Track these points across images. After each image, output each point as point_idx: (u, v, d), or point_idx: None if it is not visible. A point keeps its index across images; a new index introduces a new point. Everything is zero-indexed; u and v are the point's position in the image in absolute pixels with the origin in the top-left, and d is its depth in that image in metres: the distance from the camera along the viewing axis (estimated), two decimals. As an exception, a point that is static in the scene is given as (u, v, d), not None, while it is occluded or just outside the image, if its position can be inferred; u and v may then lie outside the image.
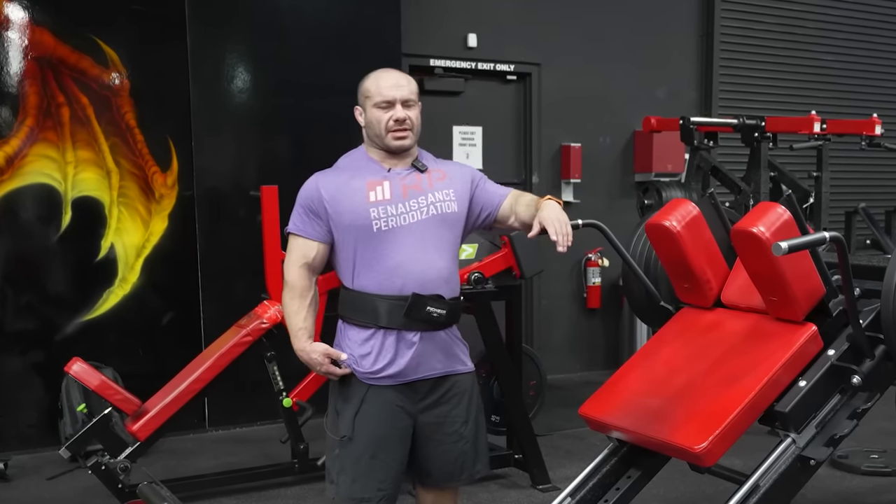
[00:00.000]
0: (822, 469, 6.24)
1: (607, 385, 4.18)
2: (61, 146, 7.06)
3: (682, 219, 4.10)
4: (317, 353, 3.77)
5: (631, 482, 4.07)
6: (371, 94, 3.81)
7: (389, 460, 3.77)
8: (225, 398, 7.50)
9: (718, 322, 4.17)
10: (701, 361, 3.97)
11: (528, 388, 6.86)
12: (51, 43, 6.98)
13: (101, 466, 5.37)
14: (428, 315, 3.70)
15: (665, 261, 4.30)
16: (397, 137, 3.78)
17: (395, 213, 3.71)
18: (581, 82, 9.62)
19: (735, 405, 3.62)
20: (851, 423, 3.79)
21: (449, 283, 3.79)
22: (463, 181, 3.92)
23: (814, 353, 3.80)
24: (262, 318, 5.84)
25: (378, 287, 3.71)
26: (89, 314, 7.26)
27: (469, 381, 3.96)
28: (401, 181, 3.78)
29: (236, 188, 7.64)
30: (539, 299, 9.64)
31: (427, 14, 8.78)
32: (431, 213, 3.76)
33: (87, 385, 5.45)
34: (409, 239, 3.71)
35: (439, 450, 3.86)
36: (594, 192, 9.69)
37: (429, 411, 3.82)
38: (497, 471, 6.33)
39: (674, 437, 3.66)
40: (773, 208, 3.73)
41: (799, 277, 3.73)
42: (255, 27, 7.73)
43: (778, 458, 3.69)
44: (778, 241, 3.18)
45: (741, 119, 7.49)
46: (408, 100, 3.81)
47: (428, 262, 3.73)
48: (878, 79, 11.32)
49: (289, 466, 6.18)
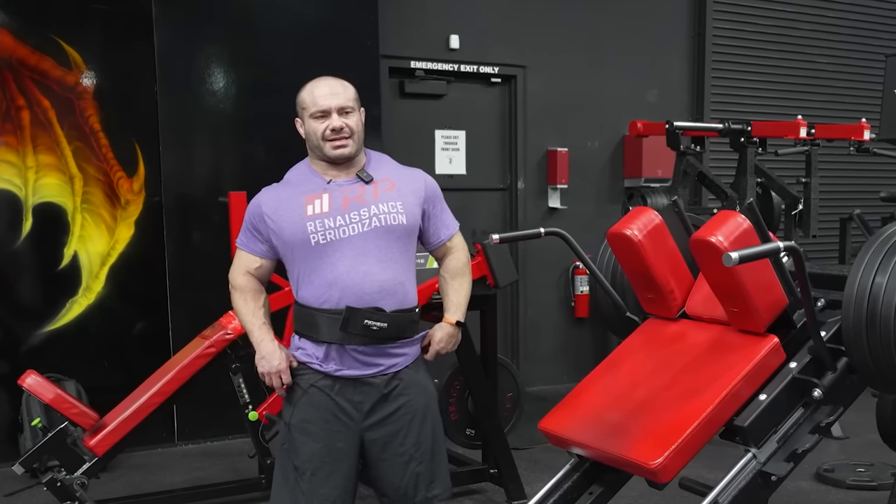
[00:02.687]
0: (806, 483, 6.37)
1: (568, 398, 4.20)
2: (21, 150, 7.06)
3: (644, 227, 4.12)
4: (282, 359, 3.85)
5: (593, 498, 4.10)
6: (307, 105, 3.86)
7: (331, 479, 3.81)
8: (194, 411, 7.54)
9: (681, 334, 4.20)
10: (662, 374, 4.00)
11: (504, 400, 6.86)
12: (10, 44, 6.97)
13: (57, 483, 5.33)
14: (366, 329, 3.73)
15: (627, 270, 4.33)
16: (336, 146, 3.80)
17: (332, 226, 3.74)
18: (568, 85, 9.63)
19: (692, 419, 3.64)
20: (814, 438, 3.79)
21: (394, 295, 3.80)
22: (415, 195, 3.93)
23: (775, 366, 3.82)
24: (226, 328, 5.80)
25: (317, 300, 3.77)
26: (52, 325, 7.26)
27: (422, 400, 3.95)
28: (341, 193, 3.80)
29: (207, 194, 7.63)
30: (525, 308, 9.65)
31: (407, 14, 8.79)
32: (374, 226, 3.77)
33: (42, 398, 5.43)
34: (349, 252, 3.74)
35: (389, 471, 3.89)
36: (582, 198, 9.71)
37: (375, 429, 3.84)
38: (472, 486, 6.36)
39: (630, 453, 3.69)
40: (732, 217, 3.76)
41: (759, 288, 3.76)
42: (225, 26, 7.74)
43: (738, 473, 3.70)
44: (729, 252, 3.19)
45: (727, 124, 7.53)
46: (344, 107, 3.83)
47: (367, 274, 3.74)
48: (875, 83, 11.32)
49: (256, 482, 6.16)
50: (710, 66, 10.29)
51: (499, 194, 9.59)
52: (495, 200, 9.57)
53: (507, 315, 9.54)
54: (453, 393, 6.58)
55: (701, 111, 10.23)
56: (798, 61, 10.87)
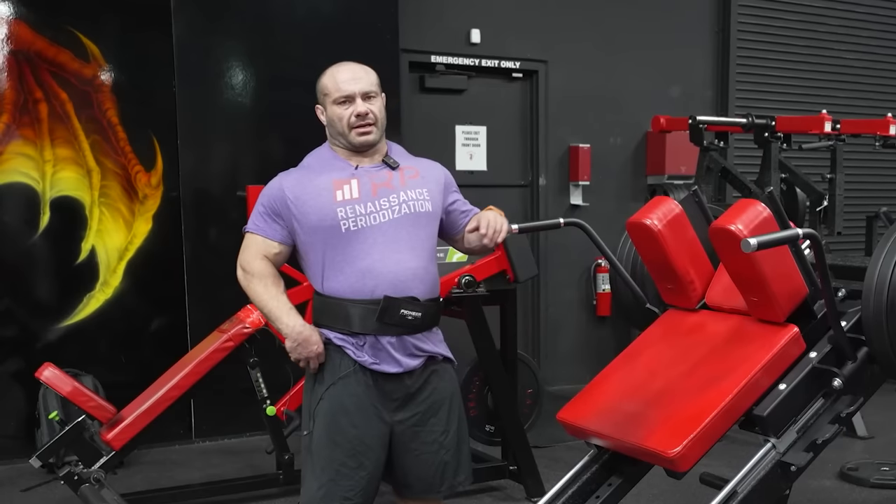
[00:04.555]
0: (830, 481, 6.39)
1: (587, 389, 4.24)
2: (39, 144, 7.11)
3: (664, 217, 4.15)
4: (319, 342, 3.77)
5: (612, 490, 4.13)
6: (329, 91, 3.84)
7: (360, 468, 3.78)
8: (212, 408, 7.59)
9: (701, 324, 4.23)
10: (681, 364, 4.03)
11: (524, 396, 6.90)
12: (28, 36, 7.03)
13: (74, 476, 5.35)
14: (402, 319, 3.71)
15: (647, 261, 4.36)
16: (361, 133, 3.78)
17: (363, 213, 3.71)
18: (590, 80, 9.65)
19: (711, 408, 3.68)
20: (834, 428, 3.82)
21: (425, 283, 3.79)
22: (437, 183, 3.94)
23: (795, 356, 3.85)
24: (244, 322, 5.83)
25: (349, 290, 3.72)
26: (69, 320, 7.32)
27: (449, 388, 3.95)
28: (370, 179, 3.78)
29: (224, 188, 7.66)
30: (546, 307, 9.69)
31: (427, 7, 8.82)
32: (404, 212, 3.76)
33: (59, 391, 5.48)
34: (380, 239, 3.72)
35: (418, 460, 3.88)
36: (604, 195, 9.73)
37: (405, 419, 3.83)
38: (491, 482, 6.40)
39: (648, 442, 3.72)
40: (752, 205, 3.80)
41: (779, 277, 3.80)
42: (244, 19, 7.78)
43: (757, 463, 3.74)
44: (747, 238, 3.23)
45: (750, 118, 7.54)
46: (368, 92, 3.82)
47: (401, 262, 3.73)
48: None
49: (273, 478, 6.21)
50: (735, 60, 10.30)
51: (520, 191, 9.62)
52: (516, 197, 9.58)
53: (527, 313, 9.57)
54: (473, 389, 6.60)
55: (725, 107, 10.23)
56: (825, 56, 10.87)
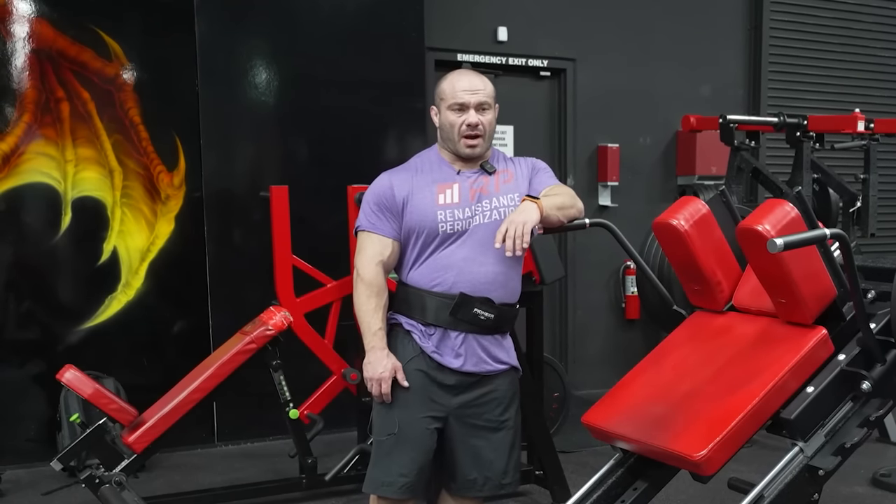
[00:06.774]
0: (862, 488, 6.40)
1: (612, 392, 4.25)
2: (61, 143, 7.15)
3: (691, 217, 4.15)
4: (387, 368, 3.98)
5: (637, 494, 4.12)
6: (445, 96, 4.04)
7: (414, 449, 4.00)
8: (235, 411, 7.64)
9: (728, 326, 4.23)
10: (707, 367, 4.04)
11: (550, 400, 6.92)
12: (49, 34, 7.07)
13: (95, 480, 5.39)
14: (474, 317, 3.96)
15: (674, 262, 4.36)
16: (469, 145, 4.01)
17: (461, 217, 3.97)
18: (619, 79, 9.67)
19: (738, 411, 3.68)
20: (863, 432, 3.81)
21: (504, 287, 4.04)
22: (525, 179, 4.14)
23: (823, 358, 3.85)
24: (267, 324, 5.88)
25: (429, 283, 3.99)
26: (90, 321, 7.37)
27: (509, 389, 4.18)
28: (470, 184, 4.02)
29: (248, 189, 7.69)
30: (574, 310, 9.71)
31: (453, 5, 8.85)
32: (494, 218, 3.99)
33: (80, 394, 5.48)
34: (469, 241, 3.98)
35: (467, 454, 4.09)
36: (633, 196, 9.74)
37: (462, 411, 4.05)
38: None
39: (674, 445, 3.73)
40: (779, 205, 3.80)
41: (807, 278, 3.80)
42: (267, 18, 7.79)
43: (784, 467, 3.73)
44: (774, 238, 3.25)
45: (782, 117, 7.54)
46: (482, 103, 4.02)
47: (483, 264, 3.98)
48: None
49: (296, 482, 6.26)
50: (767, 58, 10.28)
51: (547, 192, 9.56)
52: (544, 198, 9.53)
53: (555, 317, 9.59)
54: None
55: (757, 106, 10.22)
56: (858, 54, 10.84)
